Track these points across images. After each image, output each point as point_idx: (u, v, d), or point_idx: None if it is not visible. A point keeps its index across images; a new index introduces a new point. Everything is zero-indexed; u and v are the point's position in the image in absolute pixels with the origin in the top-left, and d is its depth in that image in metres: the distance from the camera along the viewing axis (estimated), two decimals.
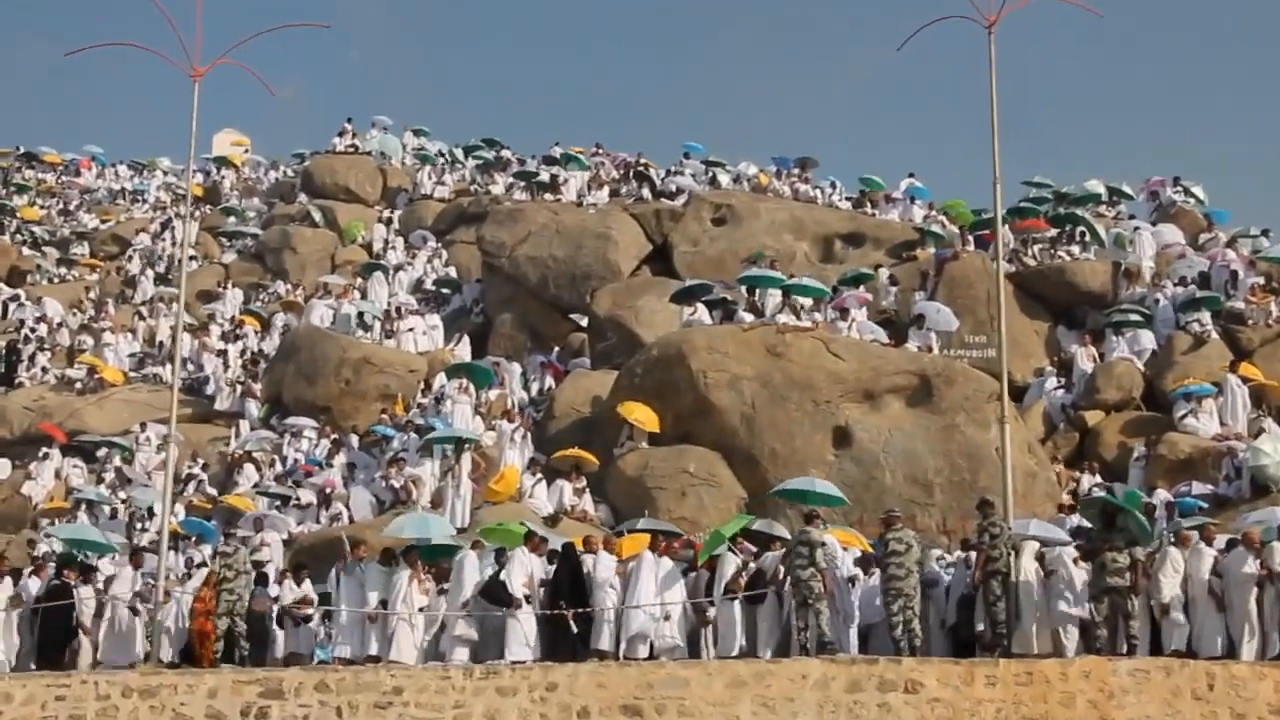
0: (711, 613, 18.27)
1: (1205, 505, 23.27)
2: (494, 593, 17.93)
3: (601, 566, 18.26)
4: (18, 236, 49.83)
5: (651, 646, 17.94)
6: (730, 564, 18.38)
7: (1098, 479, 25.60)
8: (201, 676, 17.26)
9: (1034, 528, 19.12)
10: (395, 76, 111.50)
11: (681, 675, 16.82)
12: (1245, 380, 26.97)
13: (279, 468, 29.92)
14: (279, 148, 58.78)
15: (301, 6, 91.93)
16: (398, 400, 31.31)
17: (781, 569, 18.01)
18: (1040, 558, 17.92)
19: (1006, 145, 20.27)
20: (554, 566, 18.43)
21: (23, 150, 59.64)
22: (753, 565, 18.62)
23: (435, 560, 19.30)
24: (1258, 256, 32.21)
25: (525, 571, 18.15)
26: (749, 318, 28.28)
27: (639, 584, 18.09)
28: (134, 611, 18.94)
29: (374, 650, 18.28)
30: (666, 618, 17.97)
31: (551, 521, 23.70)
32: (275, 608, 19.11)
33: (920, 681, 16.54)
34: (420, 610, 18.28)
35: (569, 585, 17.99)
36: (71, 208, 53.71)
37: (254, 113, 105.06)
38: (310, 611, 19.18)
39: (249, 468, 29.85)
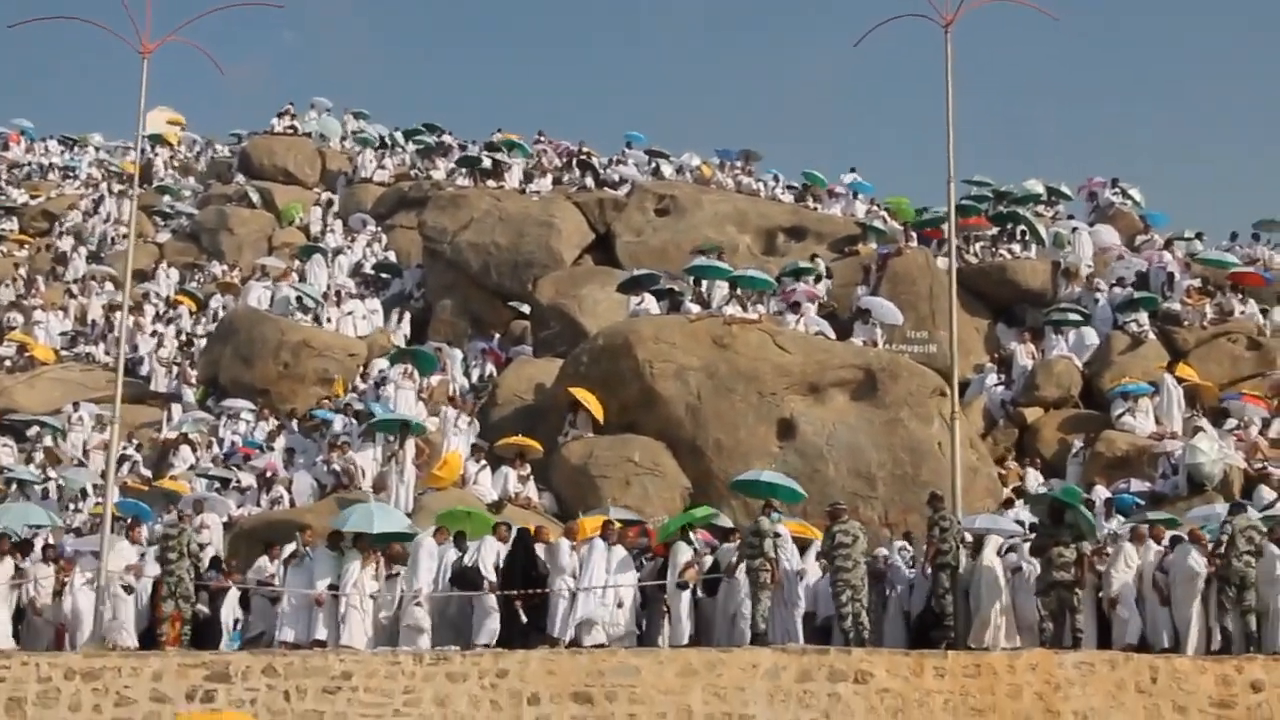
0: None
1: (1142, 502, 23.71)
2: (468, 578, 17.83)
3: (563, 553, 18.19)
4: None
5: (606, 634, 17.91)
6: (683, 553, 18.40)
7: (1040, 475, 25.95)
8: (146, 659, 17.00)
9: (982, 521, 19.34)
10: (339, 59, 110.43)
11: (633, 663, 16.82)
12: (1180, 381, 27.47)
13: (215, 450, 29.51)
14: (221, 128, 57.95)
15: None
16: (337, 383, 31.03)
17: (735, 559, 18.07)
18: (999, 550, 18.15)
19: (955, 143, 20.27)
20: (508, 552, 18.34)
21: None
22: (709, 558, 18.66)
23: (383, 545, 19.11)
24: (1193, 259, 32.79)
25: (495, 556, 18.07)
26: (695, 308, 28.29)
27: (590, 570, 18.05)
28: (128, 590, 18.52)
29: (321, 635, 18.08)
30: (620, 605, 17.95)
31: (496, 508, 23.55)
32: (236, 589, 18.83)
33: (870, 672, 16.68)
34: (372, 596, 18.13)
35: (522, 571, 17.92)
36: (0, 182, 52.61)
37: (197, 92, 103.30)
38: (279, 589, 18.86)
39: (185, 449, 29.36)
